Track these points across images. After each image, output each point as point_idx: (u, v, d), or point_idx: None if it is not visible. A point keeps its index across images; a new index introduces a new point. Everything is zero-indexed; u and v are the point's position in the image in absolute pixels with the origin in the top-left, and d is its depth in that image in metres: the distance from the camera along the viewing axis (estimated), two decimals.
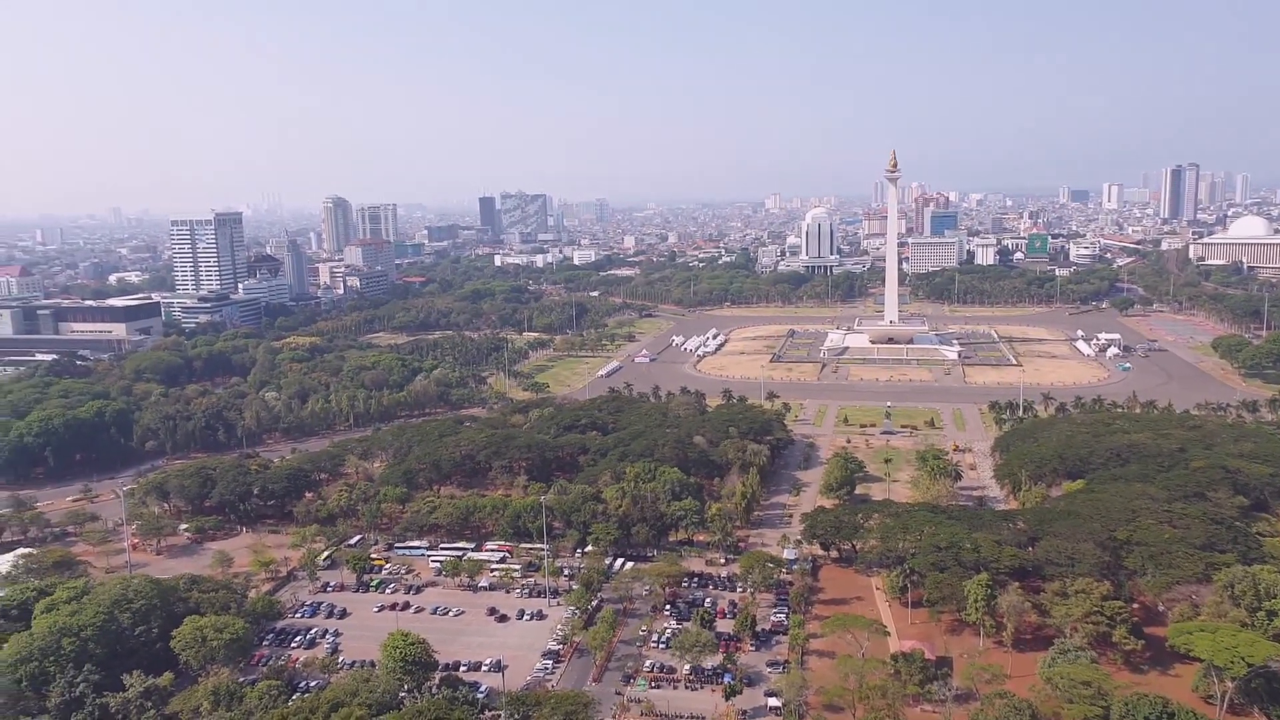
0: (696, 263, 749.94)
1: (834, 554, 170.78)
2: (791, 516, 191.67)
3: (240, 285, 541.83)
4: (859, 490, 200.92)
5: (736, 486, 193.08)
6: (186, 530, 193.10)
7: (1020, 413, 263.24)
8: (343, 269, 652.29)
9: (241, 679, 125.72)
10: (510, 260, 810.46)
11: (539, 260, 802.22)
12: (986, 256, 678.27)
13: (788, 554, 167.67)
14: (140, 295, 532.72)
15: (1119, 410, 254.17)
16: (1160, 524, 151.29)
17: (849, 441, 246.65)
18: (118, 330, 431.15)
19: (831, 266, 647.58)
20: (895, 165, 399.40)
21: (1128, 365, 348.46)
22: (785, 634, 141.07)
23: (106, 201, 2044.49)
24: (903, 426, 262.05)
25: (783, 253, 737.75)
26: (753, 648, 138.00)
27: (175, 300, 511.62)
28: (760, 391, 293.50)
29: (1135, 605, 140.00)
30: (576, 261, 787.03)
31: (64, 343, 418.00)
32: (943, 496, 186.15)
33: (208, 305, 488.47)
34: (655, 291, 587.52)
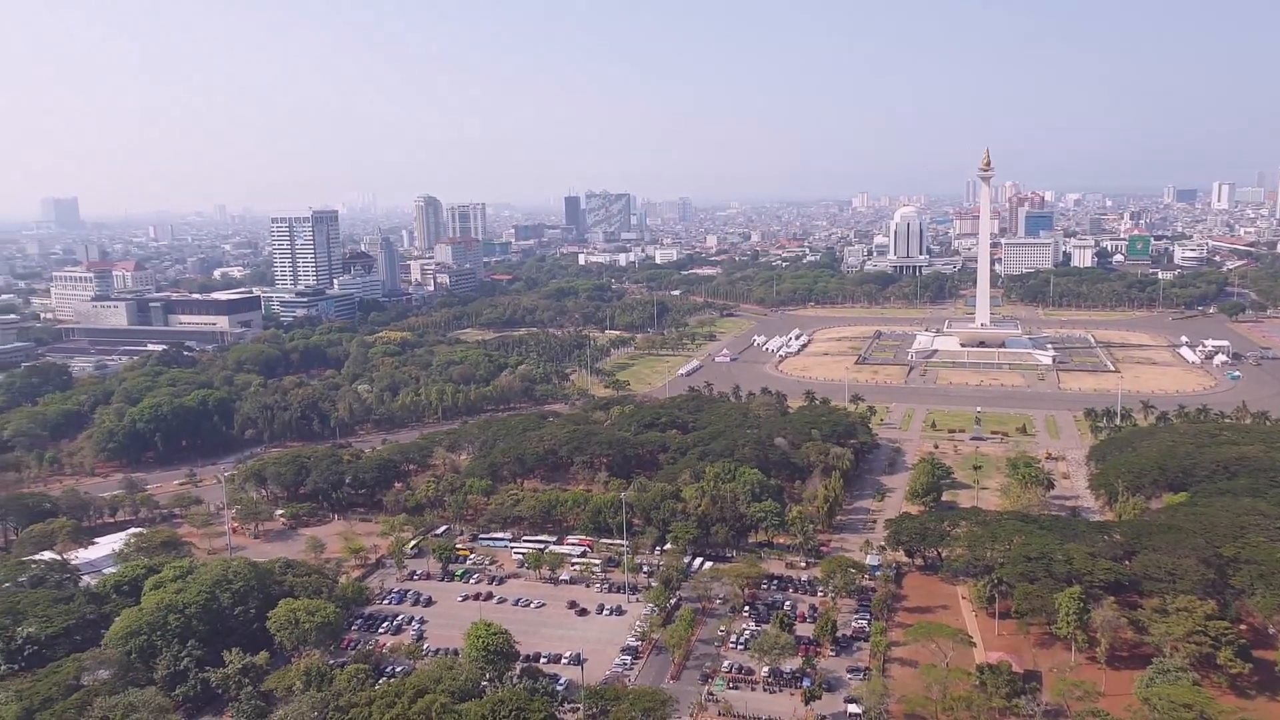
0: (780, 262, 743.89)
1: (918, 561, 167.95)
2: (875, 522, 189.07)
3: (336, 281, 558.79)
4: (946, 497, 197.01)
5: (819, 490, 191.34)
6: (282, 516, 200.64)
7: (1118, 421, 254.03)
8: (433, 266, 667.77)
9: (332, 661, 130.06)
10: (593, 259, 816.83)
11: (621, 259, 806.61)
12: (1084, 258, 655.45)
13: (870, 560, 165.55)
14: (242, 290, 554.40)
15: (1226, 421, 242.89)
16: (1272, 541, 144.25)
17: (936, 447, 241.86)
18: (221, 323, 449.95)
19: (920, 267, 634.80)
20: (989, 164, 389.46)
21: (1237, 374, 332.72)
22: (866, 640, 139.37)
23: (213, 199, 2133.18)
24: (993, 432, 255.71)
25: (870, 252, 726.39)
26: (833, 653, 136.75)
27: (274, 295, 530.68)
28: (844, 394, 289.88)
29: (1243, 626, 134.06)
30: (658, 260, 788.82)
31: (173, 334, 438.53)
32: (1034, 505, 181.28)
33: (305, 300, 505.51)
34: (737, 291, 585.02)
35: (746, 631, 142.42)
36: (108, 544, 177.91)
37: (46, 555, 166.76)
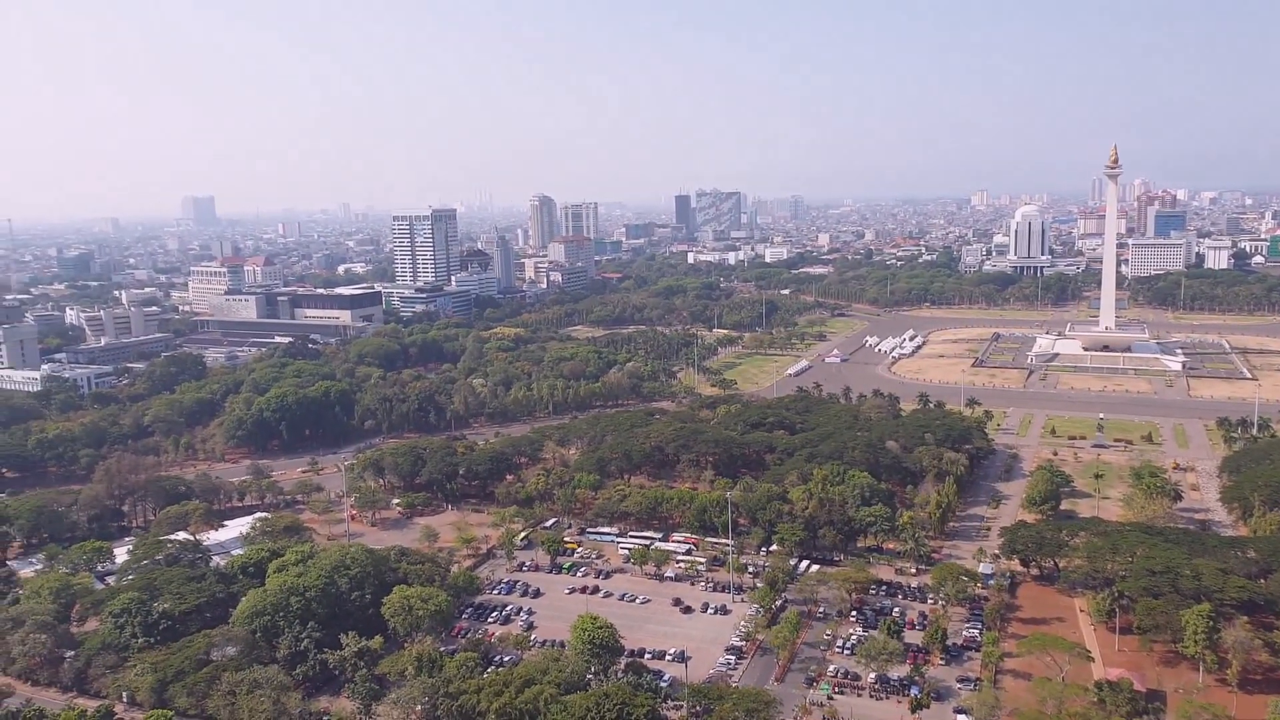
0: (894, 261, 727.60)
1: (1034, 571, 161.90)
2: (989, 529, 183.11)
3: (453, 278, 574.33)
4: (1064, 506, 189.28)
5: (931, 495, 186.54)
6: (398, 505, 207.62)
7: (1254, 431, 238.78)
8: (546, 264, 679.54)
9: (442, 648, 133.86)
10: (703, 257, 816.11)
11: (731, 258, 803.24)
12: (1219, 260, 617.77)
13: (984, 568, 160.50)
14: (364, 285, 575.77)
15: None
16: None
17: (1055, 454, 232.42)
18: (344, 317, 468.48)
19: (1042, 268, 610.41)
20: (1116, 161, 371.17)
21: None
22: (978, 650, 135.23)
23: (337, 198, 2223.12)
24: (1116, 440, 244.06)
25: (988, 252, 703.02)
26: (942, 662, 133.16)
27: (395, 290, 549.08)
28: (960, 397, 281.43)
29: None
30: (768, 259, 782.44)
31: (299, 327, 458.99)
32: (1159, 517, 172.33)
33: (423, 296, 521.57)
34: (849, 290, 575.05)
35: (853, 636, 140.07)
36: (236, 527, 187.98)
37: (181, 536, 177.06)
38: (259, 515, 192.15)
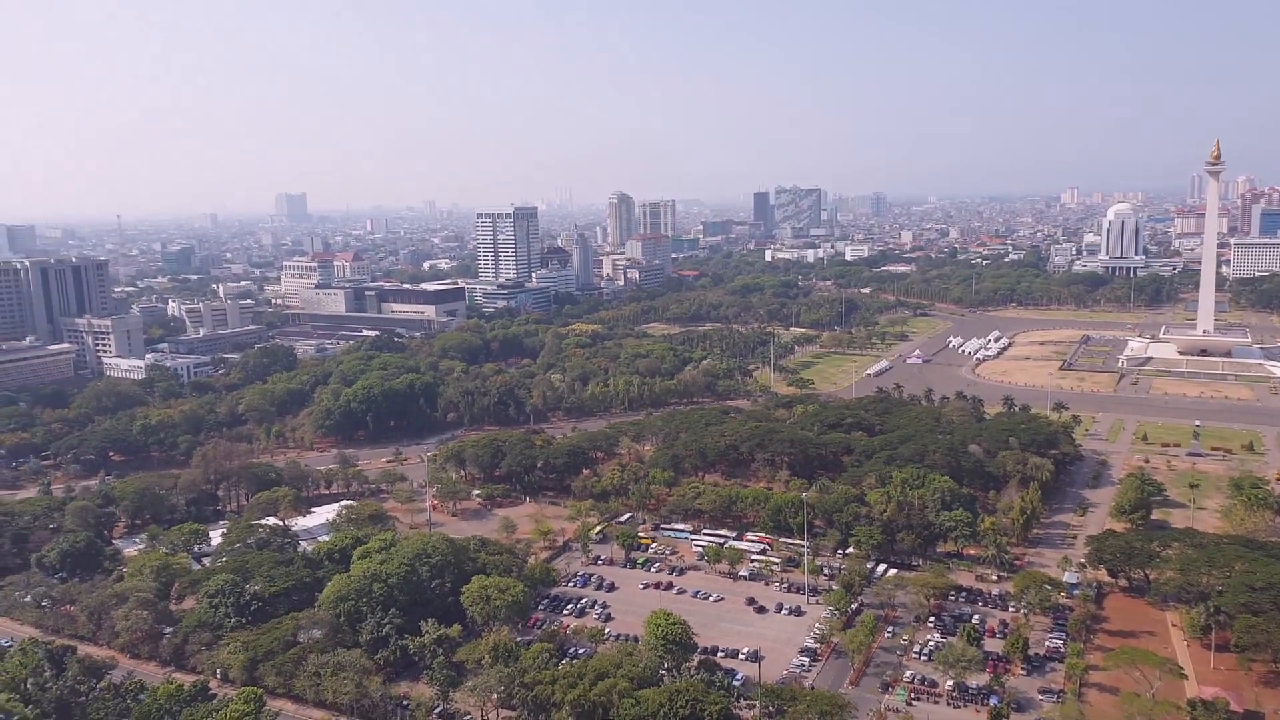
0: (979, 260, 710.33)
1: (1122, 582, 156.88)
2: (1075, 538, 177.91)
3: (534, 274, 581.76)
4: (1156, 515, 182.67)
5: (1015, 501, 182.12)
6: (478, 496, 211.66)
7: None
8: (624, 262, 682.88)
9: (519, 638, 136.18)
10: (781, 255, 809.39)
11: (810, 255, 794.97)
12: None
13: (1069, 577, 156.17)
14: (448, 281, 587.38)
15: None
16: None
17: (1147, 461, 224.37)
18: (428, 312, 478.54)
19: (1135, 268, 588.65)
20: (1218, 157, 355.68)
21: None
22: (1061, 662, 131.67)
23: (423, 195, 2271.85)
24: (1213, 449, 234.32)
25: (1079, 251, 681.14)
26: (1023, 672, 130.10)
27: (477, 286, 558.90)
28: (1046, 401, 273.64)
29: None
30: (848, 257, 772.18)
31: (385, 321, 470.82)
32: (1260, 530, 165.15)
33: (505, 292, 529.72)
34: (932, 289, 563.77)
35: (931, 643, 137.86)
36: (322, 514, 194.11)
37: (271, 521, 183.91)
38: (345, 503, 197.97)
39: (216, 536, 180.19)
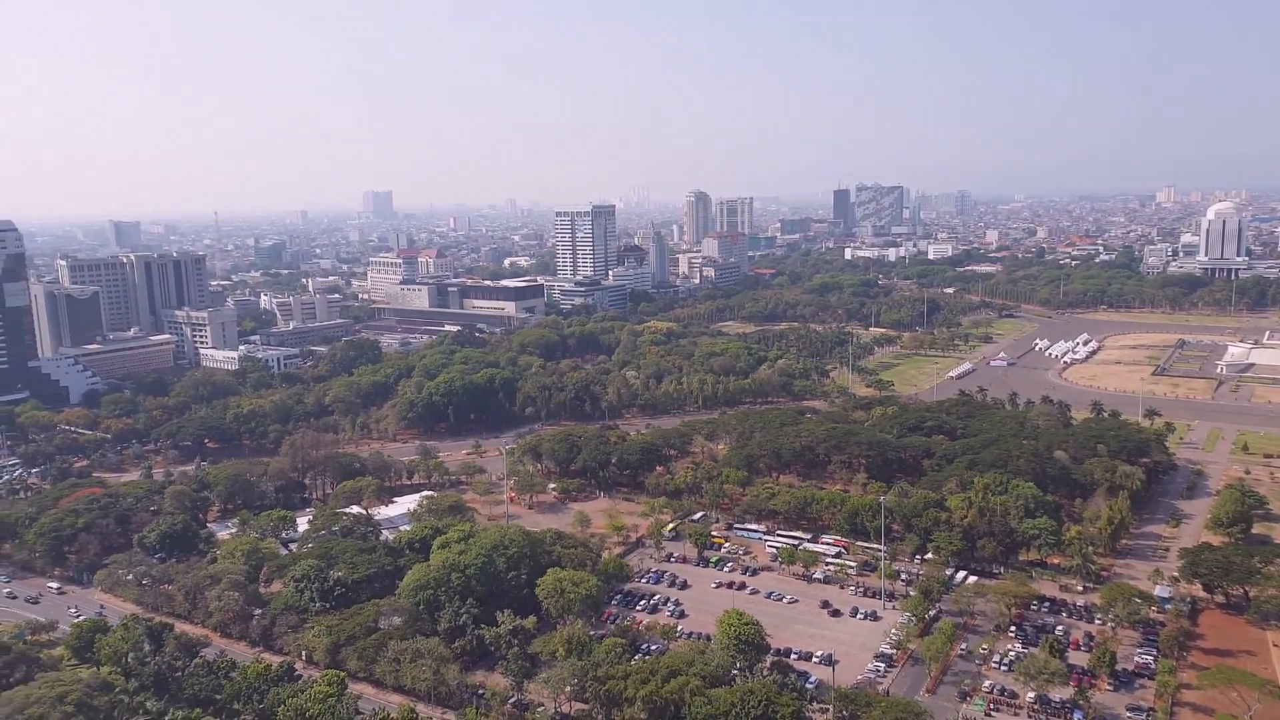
0: (1068, 260, 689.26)
1: (1219, 598, 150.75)
2: (1168, 550, 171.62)
3: (610, 272, 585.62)
4: (1257, 529, 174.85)
5: (1102, 510, 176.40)
6: (554, 489, 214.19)
7: None
8: (700, 260, 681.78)
9: (592, 632, 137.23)
10: (860, 254, 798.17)
11: (891, 254, 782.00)
12: None
13: (1160, 591, 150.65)
14: (527, 278, 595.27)
15: None
16: None
17: (1248, 472, 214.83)
18: (508, 308, 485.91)
19: (1237, 270, 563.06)
20: None
21: None
22: (1151, 678, 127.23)
23: (504, 194, 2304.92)
24: None
25: (1175, 253, 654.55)
26: (1110, 687, 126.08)
27: (555, 283, 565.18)
28: (1137, 407, 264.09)
29: None
30: (931, 256, 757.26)
31: (466, 316, 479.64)
32: None
33: (582, 289, 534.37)
34: (1018, 290, 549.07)
35: (1012, 653, 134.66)
36: (404, 503, 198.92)
37: (355, 509, 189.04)
38: (425, 493, 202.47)
39: (303, 523, 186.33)
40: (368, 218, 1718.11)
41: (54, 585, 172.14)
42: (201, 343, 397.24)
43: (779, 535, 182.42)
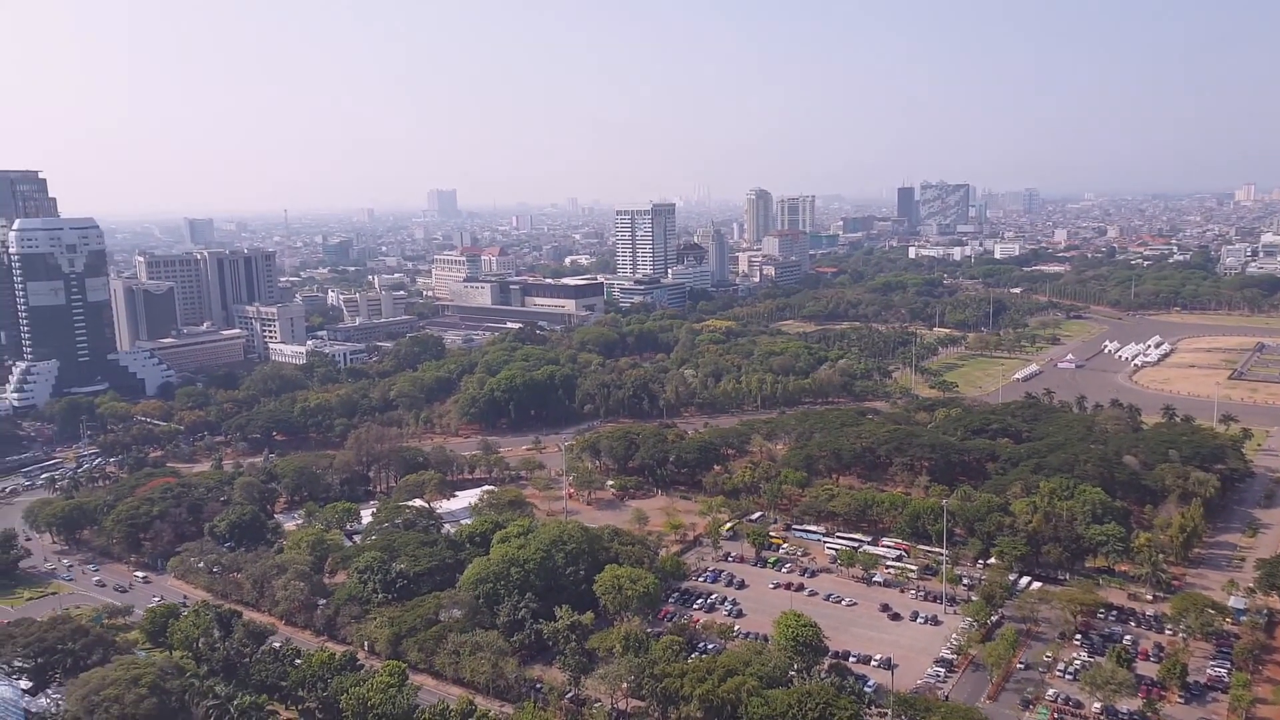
0: (1140, 261, 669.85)
1: None
2: (1243, 560, 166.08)
3: (670, 270, 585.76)
4: None
5: (1174, 518, 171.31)
6: (612, 486, 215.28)
7: None
8: (760, 258, 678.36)
9: (649, 630, 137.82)
10: (925, 252, 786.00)
11: (956, 253, 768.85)
12: None
13: (1234, 602, 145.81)
14: (588, 276, 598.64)
15: None
16: None
17: None
18: (569, 306, 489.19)
19: None
20: None
21: None
22: (1224, 692, 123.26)
23: (566, 193, 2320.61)
24: None
25: (1255, 253, 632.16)
26: (1180, 699, 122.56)
27: (615, 282, 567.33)
28: (1212, 412, 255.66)
29: None
30: (997, 255, 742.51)
31: (527, 314, 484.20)
32: None
33: (641, 288, 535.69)
34: (1087, 291, 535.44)
35: (1077, 661, 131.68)
36: (465, 498, 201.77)
37: (417, 503, 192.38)
38: (486, 488, 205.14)
39: (367, 515, 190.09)
40: (432, 216, 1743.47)
41: (140, 574, 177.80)
42: (271, 337, 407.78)
43: (838, 537, 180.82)
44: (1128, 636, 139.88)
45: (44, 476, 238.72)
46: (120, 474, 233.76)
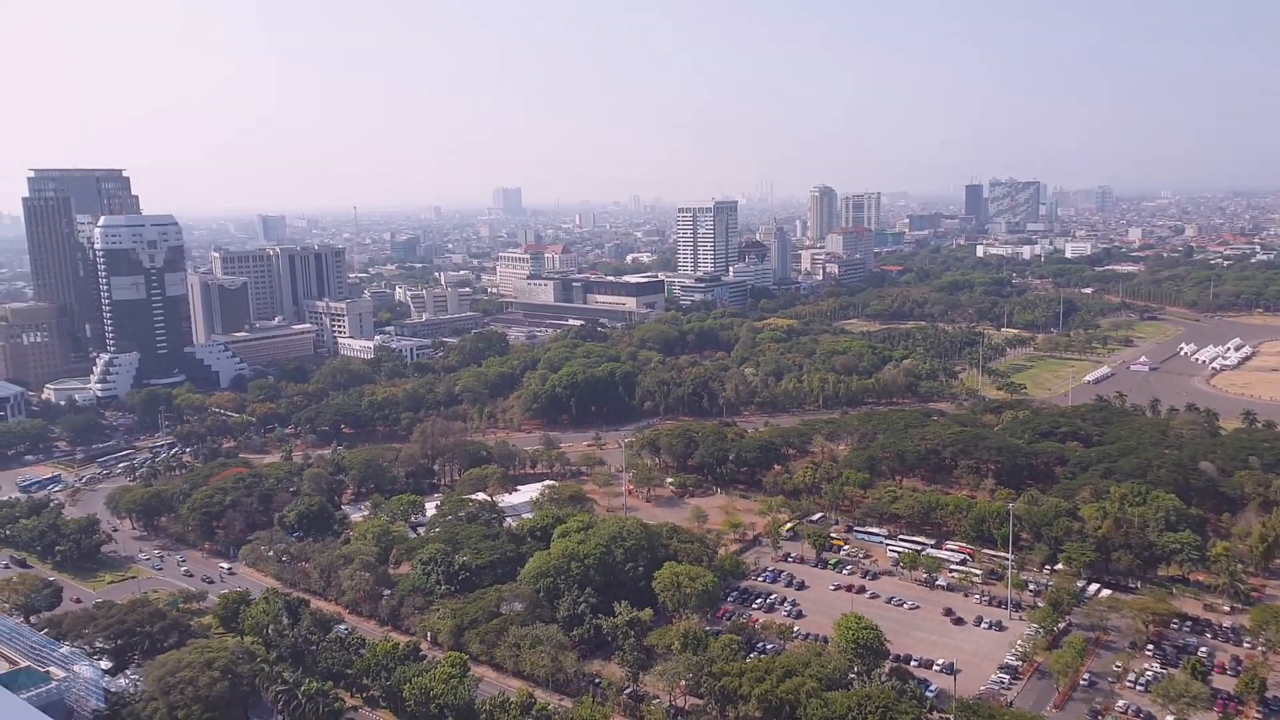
0: (1219, 260, 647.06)
1: None
2: None
3: (731, 268, 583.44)
4: None
5: (1254, 526, 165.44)
6: (671, 484, 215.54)
7: None
8: (823, 256, 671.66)
9: (707, 628, 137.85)
10: (993, 251, 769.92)
11: (1025, 252, 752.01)
12: None
13: None
14: (649, 274, 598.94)
15: None
16: None
17: None
18: (629, 303, 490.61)
19: None
20: None
21: None
22: None
23: (628, 191, 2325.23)
24: None
25: None
26: (1259, 715, 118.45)
27: (676, 279, 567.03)
28: None
29: None
30: (1068, 254, 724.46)
31: (589, 311, 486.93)
32: None
33: (702, 285, 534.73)
34: (1162, 291, 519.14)
35: (1148, 672, 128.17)
36: (527, 492, 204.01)
37: (480, 496, 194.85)
38: (547, 483, 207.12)
39: (431, 508, 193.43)
40: (497, 214, 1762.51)
41: (225, 565, 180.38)
42: (340, 332, 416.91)
43: (901, 540, 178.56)
44: (1203, 648, 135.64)
45: (120, 466, 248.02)
46: (195, 463, 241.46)
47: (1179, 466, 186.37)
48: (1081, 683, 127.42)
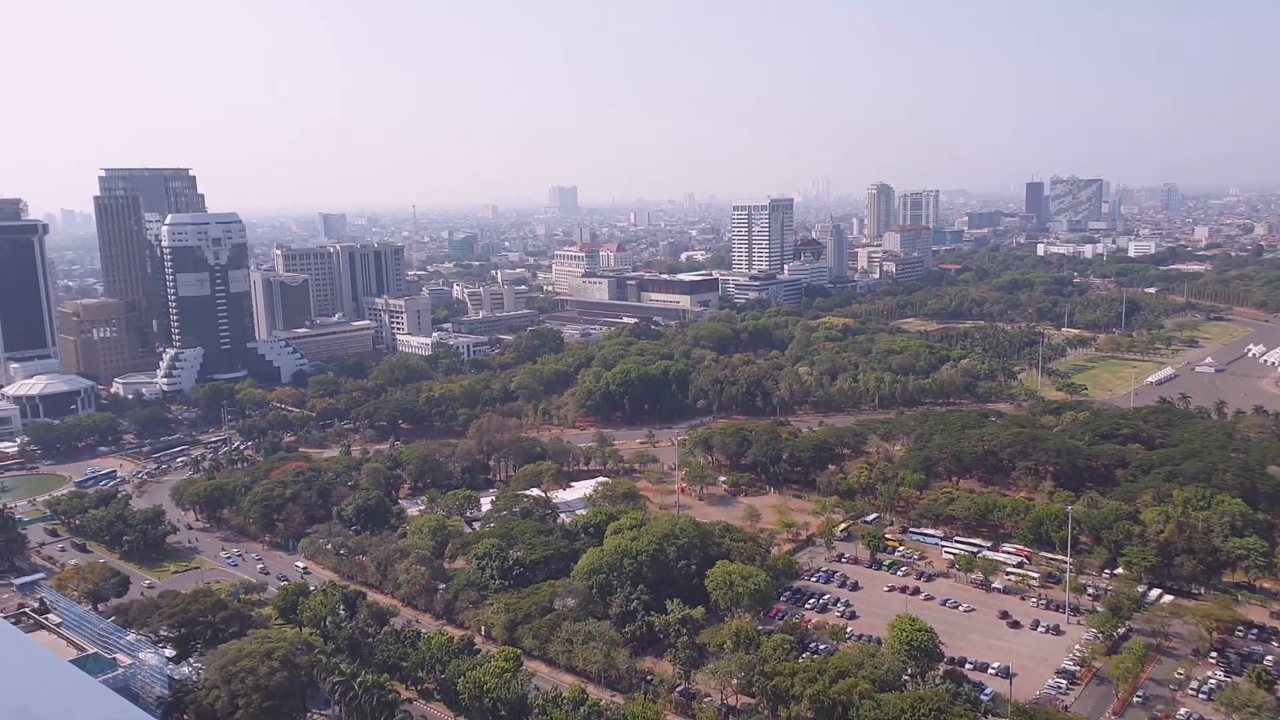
0: None
1: None
2: None
3: (786, 266, 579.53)
4: None
5: None
6: (724, 482, 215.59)
7: None
8: (880, 254, 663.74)
9: (760, 627, 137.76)
10: (1054, 250, 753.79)
11: (1087, 251, 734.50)
12: None
13: None
14: (703, 272, 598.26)
15: None
16: None
17: None
18: (683, 301, 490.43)
19: None
20: None
21: None
22: None
23: (683, 189, 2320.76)
24: None
25: None
26: None
27: (730, 277, 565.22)
28: None
29: None
30: (1132, 253, 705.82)
31: (643, 309, 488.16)
32: None
33: (757, 283, 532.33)
34: (1230, 291, 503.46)
35: (1212, 680, 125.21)
36: (580, 488, 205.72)
37: (534, 492, 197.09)
38: (601, 480, 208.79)
39: (486, 503, 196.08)
40: (553, 213, 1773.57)
41: (301, 564, 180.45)
42: (398, 329, 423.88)
43: (957, 541, 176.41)
44: (1269, 657, 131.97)
45: (179, 460, 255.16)
46: (256, 457, 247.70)
47: (1245, 470, 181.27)
48: (1141, 690, 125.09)
